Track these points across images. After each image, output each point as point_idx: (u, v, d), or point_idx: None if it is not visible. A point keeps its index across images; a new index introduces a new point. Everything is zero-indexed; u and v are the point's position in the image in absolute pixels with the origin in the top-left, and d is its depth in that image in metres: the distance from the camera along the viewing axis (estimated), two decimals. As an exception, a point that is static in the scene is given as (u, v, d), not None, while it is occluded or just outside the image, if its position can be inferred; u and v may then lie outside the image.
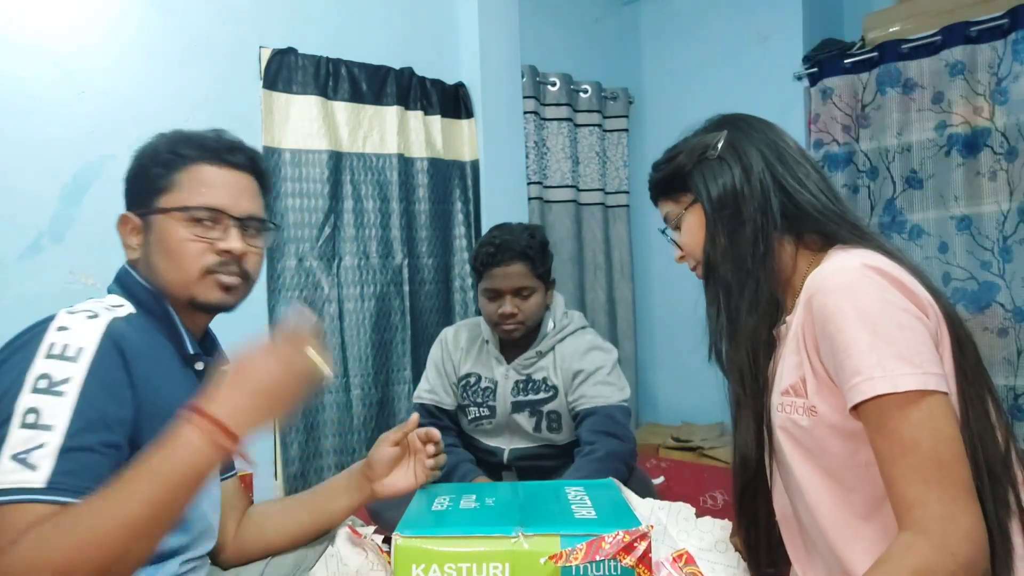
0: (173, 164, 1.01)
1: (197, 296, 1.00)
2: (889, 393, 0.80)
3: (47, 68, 1.88)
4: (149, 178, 1.01)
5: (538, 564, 0.83)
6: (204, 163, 1.02)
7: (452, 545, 0.84)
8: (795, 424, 0.93)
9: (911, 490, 0.80)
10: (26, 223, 1.85)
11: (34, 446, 0.78)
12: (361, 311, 2.37)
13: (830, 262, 0.92)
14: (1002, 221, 2.34)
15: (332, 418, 2.29)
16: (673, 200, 1.11)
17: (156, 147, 1.03)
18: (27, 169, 1.84)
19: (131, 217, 1.02)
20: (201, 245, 0.99)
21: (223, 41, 2.15)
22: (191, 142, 1.03)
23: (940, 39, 2.43)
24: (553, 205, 3.00)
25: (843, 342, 0.84)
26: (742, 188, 0.99)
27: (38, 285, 1.84)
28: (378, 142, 2.43)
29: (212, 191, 1.01)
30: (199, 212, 0.99)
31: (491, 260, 1.74)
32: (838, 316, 0.85)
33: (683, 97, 3.19)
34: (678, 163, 1.06)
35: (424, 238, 2.54)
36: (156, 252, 1.00)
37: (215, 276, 1.01)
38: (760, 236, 0.97)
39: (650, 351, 3.29)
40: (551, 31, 3.09)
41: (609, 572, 0.83)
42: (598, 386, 1.73)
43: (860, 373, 0.82)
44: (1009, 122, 2.31)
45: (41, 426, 0.79)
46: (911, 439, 0.80)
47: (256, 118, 2.19)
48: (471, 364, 1.89)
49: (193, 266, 0.99)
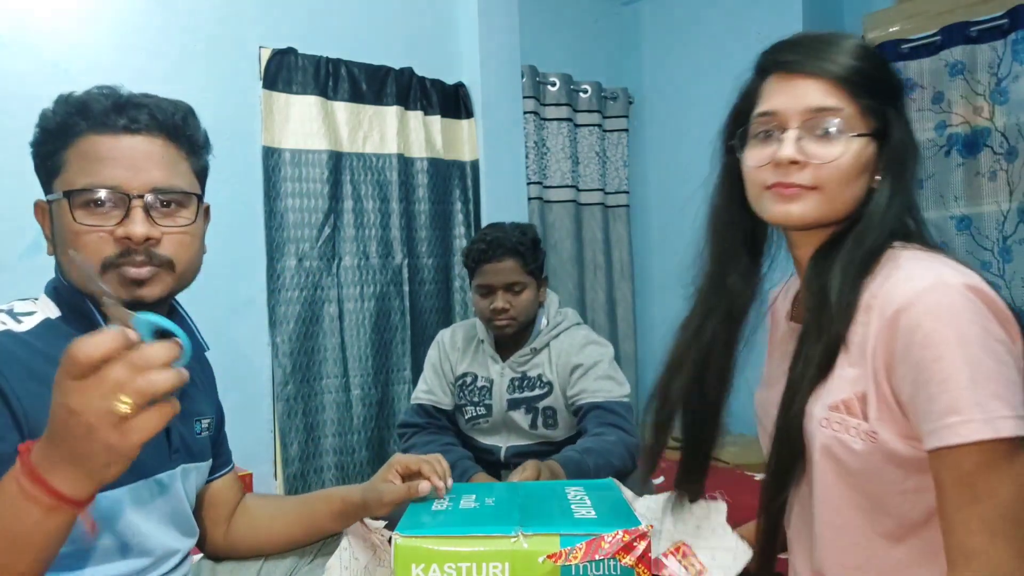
0: (61, 138, 0.85)
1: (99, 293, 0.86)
2: (988, 440, 0.72)
3: (47, 68, 1.88)
4: (42, 155, 0.87)
5: (538, 564, 0.83)
6: (92, 133, 0.85)
7: (452, 545, 0.84)
8: (843, 445, 0.83)
9: (974, 540, 0.74)
10: (26, 223, 1.85)
11: None
12: (361, 311, 2.37)
13: (914, 271, 0.80)
14: (1002, 221, 2.34)
15: (332, 418, 2.29)
16: (858, 105, 0.84)
17: (46, 117, 0.87)
18: (27, 169, 1.84)
19: (39, 205, 0.87)
20: (96, 235, 0.83)
21: (223, 41, 2.15)
22: (77, 109, 0.86)
23: (940, 39, 2.43)
24: (553, 205, 3.00)
25: (940, 373, 0.74)
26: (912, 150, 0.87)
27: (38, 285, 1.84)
28: (378, 142, 2.43)
29: (102, 167, 0.84)
30: (87, 195, 0.83)
31: (482, 256, 1.77)
32: (937, 343, 0.75)
33: (683, 97, 3.19)
34: (892, 84, 0.87)
35: (424, 238, 2.55)
36: (57, 247, 0.86)
37: (118, 270, 0.84)
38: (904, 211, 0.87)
39: (650, 351, 3.29)
40: (551, 31, 3.09)
41: (608, 571, 0.83)
42: (599, 380, 1.73)
43: (958, 412, 0.73)
44: (1009, 122, 2.31)
45: None
46: (987, 487, 0.73)
47: (256, 118, 2.19)
48: (467, 364, 1.90)
49: (94, 257, 0.83)
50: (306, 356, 2.27)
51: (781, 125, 0.87)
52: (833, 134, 0.84)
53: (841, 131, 0.84)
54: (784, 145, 0.85)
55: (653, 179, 3.35)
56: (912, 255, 0.83)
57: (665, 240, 3.32)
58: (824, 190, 0.85)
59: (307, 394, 2.26)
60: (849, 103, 0.84)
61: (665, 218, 3.31)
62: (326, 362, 2.30)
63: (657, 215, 3.34)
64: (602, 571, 0.83)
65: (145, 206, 0.85)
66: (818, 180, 0.85)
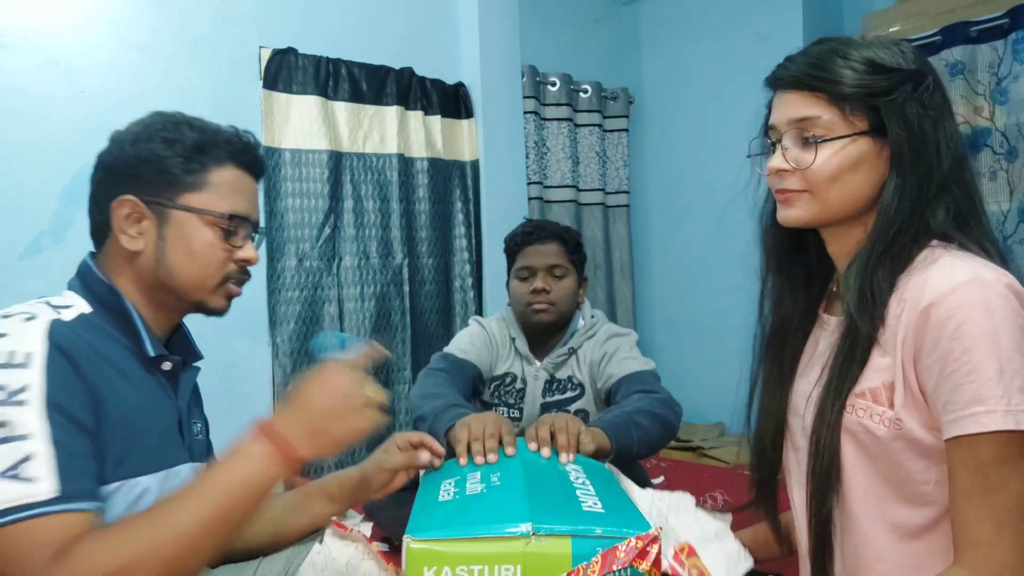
0: (202, 160, 0.95)
1: (207, 302, 0.97)
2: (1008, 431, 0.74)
3: (47, 68, 1.88)
4: (167, 168, 0.94)
5: (550, 565, 0.84)
6: (232, 165, 0.98)
7: (465, 547, 0.84)
8: (867, 431, 0.86)
9: (981, 530, 0.75)
10: (26, 223, 1.86)
11: (20, 459, 0.73)
12: (361, 311, 2.37)
13: (953, 265, 0.81)
14: (1002, 221, 2.34)
15: (332, 418, 2.29)
16: (841, 112, 0.87)
17: (178, 135, 0.95)
18: (27, 169, 1.84)
19: (136, 203, 0.93)
20: (224, 254, 0.96)
21: (223, 41, 2.15)
22: (221, 140, 0.97)
23: (940, 39, 2.43)
24: (553, 205, 3.00)
25: (968, 364, 0.76)
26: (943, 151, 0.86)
27: (38, 285, 1.83)
28: (378, 142, 2.43)
29: (240, 198, 0.97)
30: (228, 220, 0.95)
31: (527, 239, 1.77)
32: (968, 335, 0.76)
33: (683, 97, 3.19)
34: (880, 79, 0.86)
35: (424, 238, 2.55)
36: (175, 249, 0.94)
37: (227, 286, 0.98)
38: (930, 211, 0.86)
39: (650, 351, 3.27)
40: (551, 31, 3.09)
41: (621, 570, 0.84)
42: (625, 361, 1.70)
43: (983, 403, 0.75)
44: (1009, 122, 2.31)
45: (17, 438, 0.73)
46: (1000, 479, 0.75)
47: (256, 118, 2.19)
48: (505, 363, 1.83)
49: (215, 274, 0.96)
50: (306, 356, 2.27)
51: (777, 137, 0.92)
52: (813, 140, 0.88)
53: (821, 136, 0.87)
54: (775, 156, 0.91)
55: (653, 179, 3.35)
56: (950, 254, 0.84)
57: (665, 240, 3.32)
58: (814, 192, 0.89)
59: (307, 394, 2.26)
60: (827, 109, 0.87)
61: (665, 218, 3.31)
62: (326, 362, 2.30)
63: (657, 215, 3.34)
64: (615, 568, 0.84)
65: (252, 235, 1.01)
66: (806, 184, 0.89)
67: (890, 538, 0.86)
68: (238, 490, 0.78)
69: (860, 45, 0.89)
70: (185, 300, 0.97)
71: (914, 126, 0.86)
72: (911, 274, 0.85)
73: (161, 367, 0.97)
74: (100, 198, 0.96)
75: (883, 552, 0.87)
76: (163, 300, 0.96)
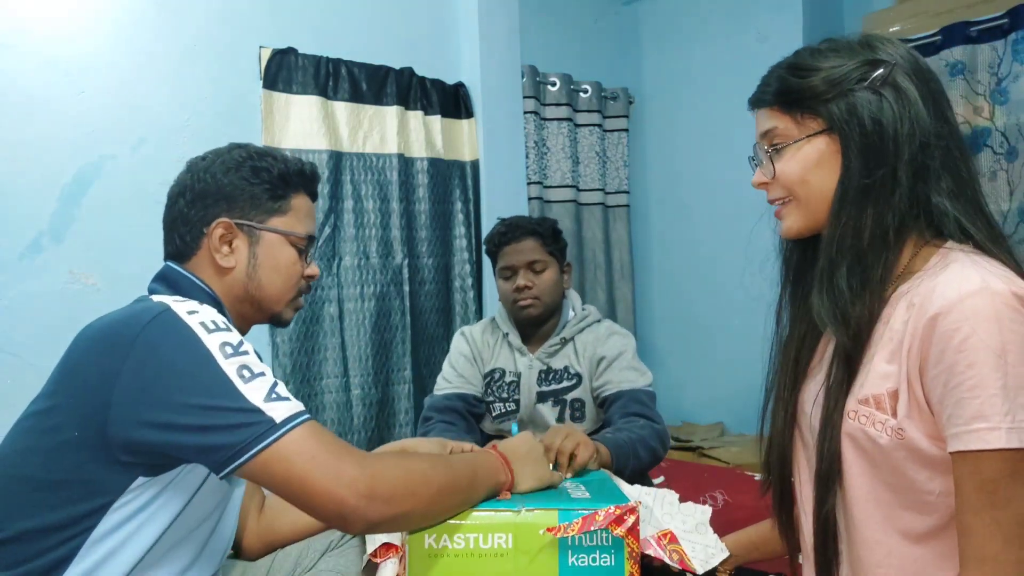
0: (285, 189, 1.08)
1: (282, 315, 1.10)
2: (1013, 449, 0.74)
3: (47, 68, 1.88)
4: (257, 195, 1.06)
5: (538, 535, 0.93)
6: (304, 193, 1.12)
7: (460, 518, 0.94)
8: (869, 438, 0.85)
9: (989, 545, 0.75)
10: (26, 223, 1.85)
11: (271, 386, 0.86)
12: (361, 311, 2.37)
13: (963, 273, 0.80)
14: (1002, 221, 2.34)
15: (332, 418, 2.30)
16: (791, 118, 0.91)
17: (265, 164, 1.07)
18: (27, 169, 1.84)
19: (230, 225, 1.04)
20: (300, 270, 1.10)
21: (223, 41, 2.15)
22: (295, 171, 1.11)
23: (940, 39, 2.43)
24: (553, 205, 3.00)
25: (972, 379, 0.75)
26: (902, 138, 0.84)
27: (38, 285, 1.84)
28: (378, 142, 2.43)
29: (310, 221, 1.13)
30: (307, 240, 1.10)
31: (503, 239, 1.84)
32: (973, 348, 0.75)
33: (683, 97, 3.19)
34: (815, 82, 0.88)
35: (424, 238, 2.55)
36: (265, 267, 1.06)
37: (297, 300, 1.12)
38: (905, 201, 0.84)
39: (650, 352, 3.29)
40: (551, 31, 3.09)
41: (601, 543, 0.94)
42: (624, 371, 1.76)
43: (986, 419, 0.74)
44: (1009, 122, 2.31)
45: (259, 375, 0.86)
46: (1007, 495, 0.75)
47: (256, 118, 2.19)
48: (495, 359, 1.90)
49: (293, 288, 1.10)
50: (306, 356, 2.27)
51: (758, 154, 0.96)
52: (775, 151, 0.92)
53: (780, 144, 0.91)
54: (756, 172, 0.96)
55: (653, 179, 3.35)
56: (964, 258, 0.82)
57: (665, 240, 3.32)
58: (796, 198, 0.92)
59: (307, 394, 2.26)
60: (781, 118, 0.91)
61: (665, 218, 3.31)
62: (326, 362, 2.30)
63: (657, 215, 3.35)
64: (596, 542, 0.94)
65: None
66: (785, 191, 0.93)
67: (893, 542, 0.86)
68: (478, 479, 0.96)
69: (802, 51, 0.93)
70: (265, 311, 1.09)
71: (863, 117, 0.85)
72: (922, 278, 0.83)
73: None
74: (191, 220, 1.05)
75: (886, 556, 0.87)
76: (244, 311, 1.07)
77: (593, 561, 0.94)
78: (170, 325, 0.87)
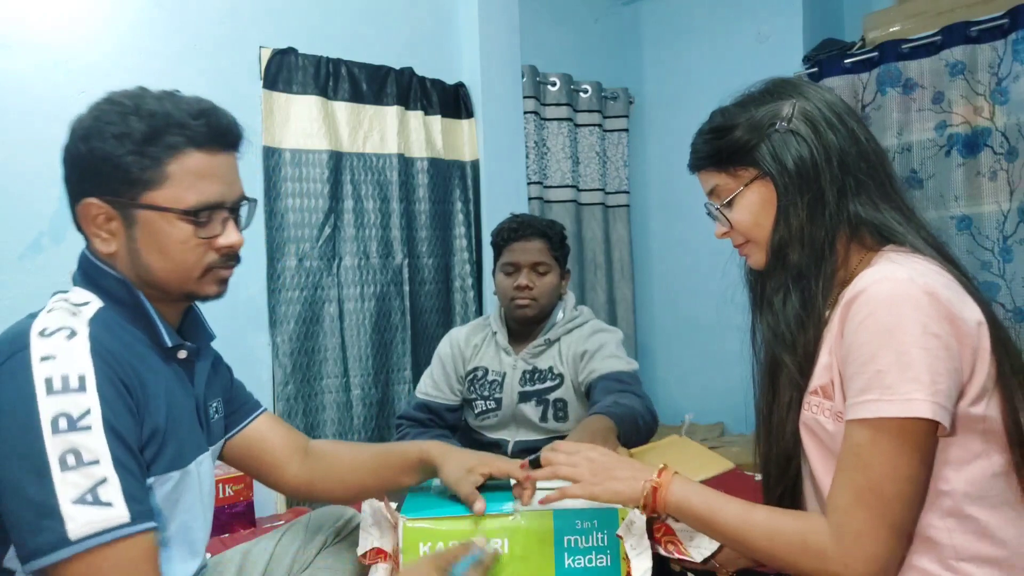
0: (157, 154, 0.87)
1: (197, 292, 0.95)
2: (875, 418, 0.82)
3: (47, 68, 1.88)
4: (123, 166, 0.87)
5: (534, 538, 0.95)
6: (194, 150, 0.89)
7: (455, 525, 0.95)
8: (820, 426, 0.93)
9: (843, 497, 0.85)
10: (26, 223, 1.86)
11: (96, 483, 0.75)
12: (361, 311, 2.37)
13: (880, 267, 0.88)
14: (1002, 221, 2.34)
15: (332, 418, 2.30)
16: (727, 173, 1.00)
17: (126, 127, 0.87)
18: (27, 169, 1.84)
19: (100, 205, 0.89)
20: (201, 246, 0.91)
21: (223, 41, 2.15)
22: (173, 125, 0.88)
23: (940, 39, 2.43)
24: (553, 205, 3.00)
25: (864, 356, 0.83)
26: (821, 163, 0.92)
27: (38, 285, 1.84)
28: (378, 142, 2.43)
29: (207, 184, 0.90)
30: (196, 215, 0.90)
31: (512, 235, 1.85)
32: (870, 328, 0.83)
33: (683, 97, 3.19)
34: (736, 137, 0.97)
35: (424, 238, 2.55)
36: (148, 250, 0.90)
37: (215, 272, 0.94)
38: (835, 217, 0.92)
39: (650, 351, 3.29)
40: (551, 31, 3.09)
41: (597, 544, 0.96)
42: (606, 359, 1.78)
43: (866, 393, 0.83)
44: (1009, 122, 2.31)
45: (88, 464, 0.75)
46: (867, 459, 0.83)
47: (256, 118, 2.19)
48: (479, 359, 1.93)
49: (196, 267, 0.92)
50: (306, 356, 2.27)
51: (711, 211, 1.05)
52: (720, 207, 1.01)
53: (726, 198, 1.00)
54: (716, 225, 1.05)
55: (653, 179, 3.35)
56: (891, 256, 0.90)
57: (665, 240, 3.32)
58: (754, 240, 1.00)
59: (307, 394, 2.26)
60: (718, 176, 1.01)
61: (665, 218, 3.31)
62: (326, 362, 2.30)
63: (657, 215, 3.34)
64: (591, 543, 0.96)
65: (235, 215, 0.95)
66: (743, 236, 1.01)
67: None
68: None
69: (715, 114, 1.03)
70: (174, 293, 0.94)
71: (782, 154, 0.94)
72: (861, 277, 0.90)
73: (177, 356, 0.98)
74: (69, 198, 0.92)
75: None
76: (154, 294, 0.94)
77: (589, 562, 0.95)
78: (10, 375, 0.78)
